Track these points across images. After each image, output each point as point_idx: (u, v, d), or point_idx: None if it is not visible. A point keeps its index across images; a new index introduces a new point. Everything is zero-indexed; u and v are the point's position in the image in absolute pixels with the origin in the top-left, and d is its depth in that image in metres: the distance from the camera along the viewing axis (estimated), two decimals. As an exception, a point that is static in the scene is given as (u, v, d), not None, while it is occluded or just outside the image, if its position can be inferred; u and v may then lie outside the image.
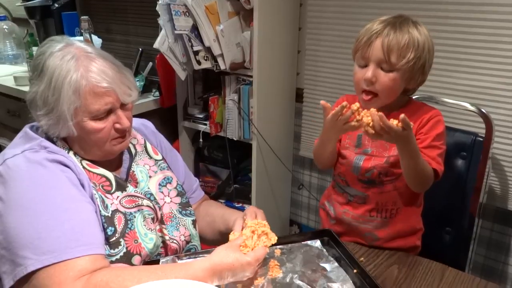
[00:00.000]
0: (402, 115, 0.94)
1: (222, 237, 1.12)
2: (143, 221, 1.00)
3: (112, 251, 0.94)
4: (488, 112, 1.45)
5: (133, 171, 1.08)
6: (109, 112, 0.96)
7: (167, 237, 1.05)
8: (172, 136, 2.23)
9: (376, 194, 1.15)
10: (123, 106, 0.99)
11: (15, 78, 2.28)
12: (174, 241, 1.07)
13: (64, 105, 0.91)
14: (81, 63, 0.92)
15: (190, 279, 0.82)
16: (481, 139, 1.37)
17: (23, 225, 0.84)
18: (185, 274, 0.84)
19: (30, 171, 0.89)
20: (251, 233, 0.95)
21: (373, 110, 0.97)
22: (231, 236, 0.99)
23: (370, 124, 0.96)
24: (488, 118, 1.42)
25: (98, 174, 0.99)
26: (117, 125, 0.98)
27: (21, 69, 2.60)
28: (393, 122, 0.94)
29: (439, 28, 1.64)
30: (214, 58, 1.90)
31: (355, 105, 0.98)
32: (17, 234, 0.84)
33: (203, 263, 0.87)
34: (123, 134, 1.00)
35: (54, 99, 0.91)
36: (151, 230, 1.01)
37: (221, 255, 0.88)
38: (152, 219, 1.03)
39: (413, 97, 1.56)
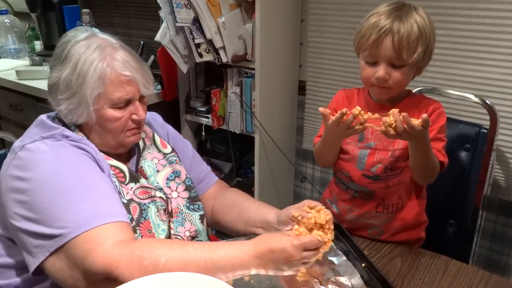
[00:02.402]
0: (425, 115, 0.92)
1: (255, 230, 1.07)
2: (156, 212, 1.01)
3: None
4: (493, 103, 1.43)
5: (141, 167, 1.08)
6: (128, 103, 0.98)
7: (172, 231, 1.05)
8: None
9: (382, 189, 1.13)
10: (141, 98, 1.01)
11: (17, 72, 2.28)
12: (178, 236, 1.07)
13: (87, 90, 0.93)
14: (107, 52, 0.95)
15: (237, 252, 0.82)
16: (485, 131, 1.36)
17: (54, 199, 0.85)
18: (233, 248, 0.84)
19: (53, 151, 0.91)
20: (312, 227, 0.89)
21: (395, 110, 0.94)
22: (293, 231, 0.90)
23: (393, 125, 0.94)
24: (492, 109, 1.41)
25: (112, 166, 1.00)
26: (134, 116, 1.00)
27: (23, 63, 2.60)
28: (415, 122, 0.93)
29: (444, 19, 1.62)
30: (216, 51, 1.88)
31: (356, 109, 0.96)
32: (49, 207, 0.85)
33: (254, 243, 0.84)
34: (138, 125, 1.03)
35: (78, 83, 0.93)
36: (163, 221, 1.02)
37: (265, 238, 0.86)
38: (164, 210, 1.04)
39: (417, 89, 1.56)
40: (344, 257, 1.01)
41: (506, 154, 1.62)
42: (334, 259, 1.00)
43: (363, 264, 0.97)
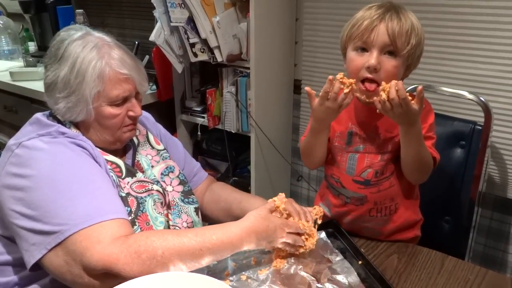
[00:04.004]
0: (420, 87, 0.90)
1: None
2: (153, 205, 1.03)
3: None
4: (487, 100, 1.44)
5: (138, 161, 1.10)
6: (125, 100, 1.00)
7: (171, 222, 1.08)
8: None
9: (374, 193, 1.11)
10: (136, 95, 1.04)
11: (11, 74, 2.26)
12: (176, 227, 1.08)
13: (86, 89, 0.95)
14: (104, 51, 0.97)
15: (228, 237, 0.88)
16: (480, 128, 1.37)
17: (54, 196, 0.86)
18: (224, 233, 0.88)
19: (51, 148, 0.92)
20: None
21: (393, 80, 0.94)
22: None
23: (386, 90, 0.93)
24: (487, 106, 1.42)
25: (108, 161, 1.01)
26: (131, 113, 1.02)
27: (17, 64, 2.59)
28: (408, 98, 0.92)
29: (438, 16, 1.63)
30: (211, 50, 1.88)
31: (339, 74, 0.97)
32: (47, 205, 0.85)
33: (242, 223, 0.91)
34: (134, 121, 1.05)
35: (77, 82, 0.95)
36: (161, 214, 1.04)
37: (253, 219, 0.92)
38: (161, 203, 1.05)
39: (412, 87, 1.56)
40: (341, 255, 1.01)
41: (500, 150, 1.63)
42: (330, 257, 1.00)
43: (360, 262, 0.97)
